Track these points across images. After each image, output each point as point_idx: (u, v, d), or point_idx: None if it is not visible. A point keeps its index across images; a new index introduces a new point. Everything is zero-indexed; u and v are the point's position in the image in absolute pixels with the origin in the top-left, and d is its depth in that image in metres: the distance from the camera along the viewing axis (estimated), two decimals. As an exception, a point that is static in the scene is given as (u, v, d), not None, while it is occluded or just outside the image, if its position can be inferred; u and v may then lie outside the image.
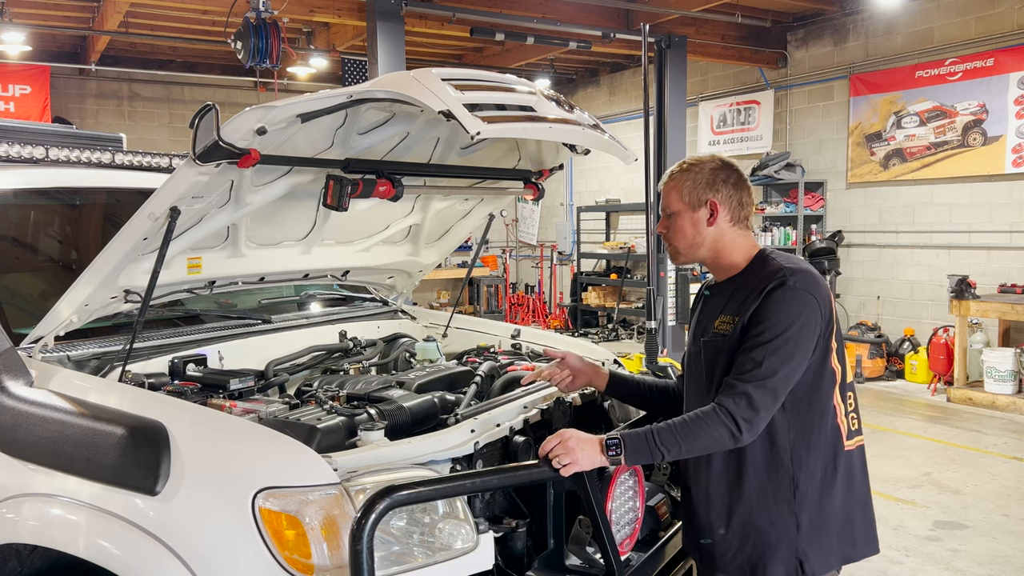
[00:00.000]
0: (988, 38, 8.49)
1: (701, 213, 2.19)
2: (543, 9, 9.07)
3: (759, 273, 2.15)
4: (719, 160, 2.25)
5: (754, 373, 2.01)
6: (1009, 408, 7.59)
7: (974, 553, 4.45)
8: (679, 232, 2.22)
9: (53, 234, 3.31)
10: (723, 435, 2.00)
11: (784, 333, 2.01)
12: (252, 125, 2.09)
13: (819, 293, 2.08)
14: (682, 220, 2.21)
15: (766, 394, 2.00)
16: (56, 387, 2.24)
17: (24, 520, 2.09)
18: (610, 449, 2.01)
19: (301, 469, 1.91)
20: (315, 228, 3.03)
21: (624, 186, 12.96)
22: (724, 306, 2.19)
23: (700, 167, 2.21)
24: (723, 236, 2.21)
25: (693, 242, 2.22)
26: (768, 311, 2.05)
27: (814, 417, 2.10)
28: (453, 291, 14.18)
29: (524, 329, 3.59)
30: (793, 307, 2.03)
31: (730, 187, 2.20)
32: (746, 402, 2.00)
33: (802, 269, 2.11)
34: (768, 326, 2.03)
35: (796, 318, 2.03)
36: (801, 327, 2.03)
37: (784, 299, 2.04)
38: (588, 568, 2.17)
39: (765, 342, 2.02)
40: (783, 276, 2.07)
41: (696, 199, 2.19)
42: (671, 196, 2.23)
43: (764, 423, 2.03)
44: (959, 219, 8.88)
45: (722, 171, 2.21)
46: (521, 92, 2.25)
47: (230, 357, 2.93)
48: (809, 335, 2.04)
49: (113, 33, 9.79)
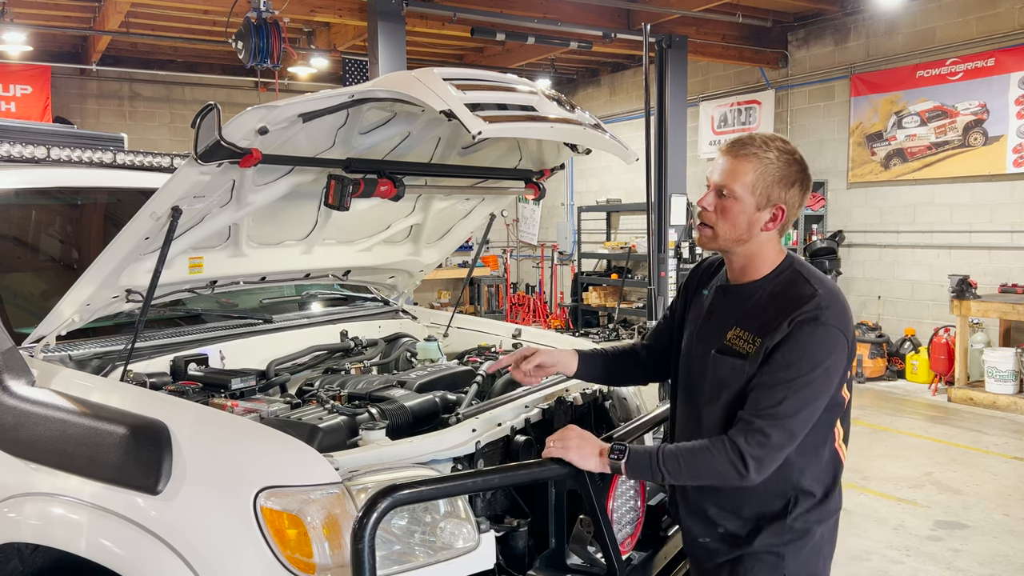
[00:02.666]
0: (989, 38, 8.49)
1: (763, 213, 1.95)
2: (544, 9, 9.07)
3: (787, 291, 1.96)
4: (797, 154, 1.98)
5: (774, 411, 1.87)
6: (1010, 408, 7.59)
7: (975, 553, 4.45)
8: (730, 220, 1.96)
9: (55, 234, 3.32)
10: (728, 472, 1.89)
11: (811, 373, 1.87)
12: (254, 125, 2.09)
13: (848, 328, 1.94)
14: (738, 209, 1.94)
15: (783, 434, 1.87)
16: (58, 386, 2.24)
17: (26, 519, 2.10)
18: (612, 453, 1.96)
19: (303, 468, 1.91)
20: (316, 228, 3.04)
21: (625, 186, 12.96)
22: (740, 318, 2.00)
23: (782, 160, 1.94)
24: (768, 242, 2.00)
25: (740, 237, 1.97)
26: (798, 347, 1.88)
27: (817, 442, 1.99)
28: (454, 291, 14.17)
29: (525, 329, 3.59)
30: (825, 346, 1.88)
31: (800, 192, 1.97)
32: (759, 440, 1.87)
33: (835, 300, 1.94)
34: (796, 363, 1.88)
35: (827, 357, 1.88)
36: (829, 367, 1.89)
37: (816, 337, 1.88)
38: (589, 567, 2.17)
39: (790, 380, 1.87)
40: (817, 308, 1.89)
41: (766, 196, 1.94)
42: (738, 176, 1.93)
43: (776, 464, 1.91)
44: (960, 219, 8.87)
45: (801, 173, 1.97)
46: (522, 92, 2.25)
47: (231, 357, 2.93)
48: (835, 374, 1.92)
49: (114, 33, 9.79)
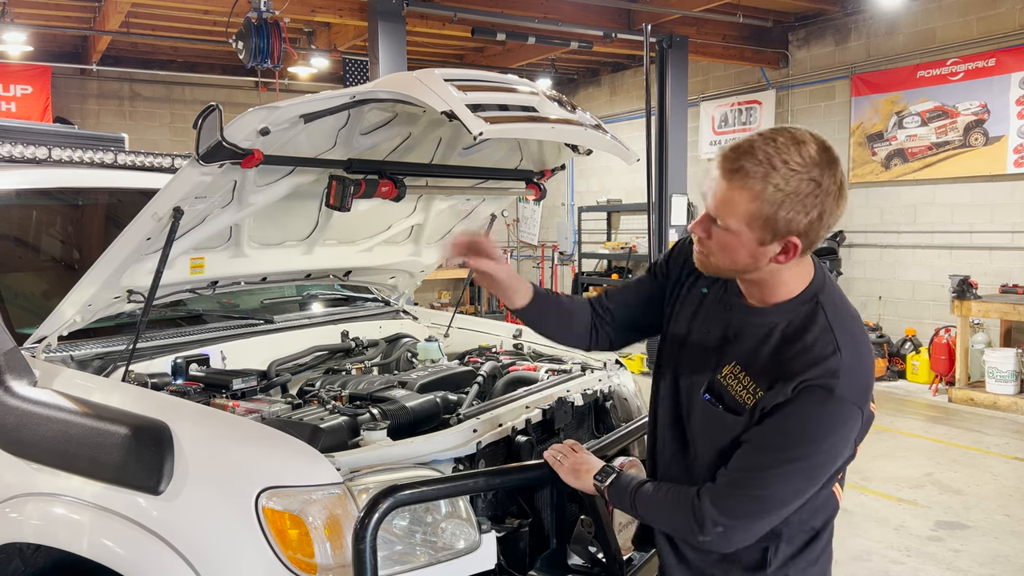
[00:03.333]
0: (990, 38, 8.48)
1: (769, 248, 1.53)
2: (544, 9, 9.07)
3: (804, 339, 1.57)
4: (819, 160, 1.48)
5: (750, 482, 1.57)
6: (1011, 408, 7.59)
7: (976, 553, 4.45)
8: (728, 255, 1.58)
9: (56, 234, 3.32)
10: (687, 530, 1.65)
11: (808, 452, 1.54)
12: (255, 125, 2.09)
13: (866, 400, 1.58)
14: (736, 244, 1.55)
15: (757, 510, 1.59)
16: (59, 387, 2.25)
17: (27, 519, 2.10)
18: (599, 475, 1.84)
19: (304, 469, 1.91)
20: (317, 228, 3.04)
21: (625, 186, 12.96)
22: (743, 355, 1.64)
23: (794, 181, 1.46)
24: (783, 272, 1.59)
25: (742, 268, 1.60)
26: (799, 419, 1.53)
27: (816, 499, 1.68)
28: (454, 291, 14.17)
29: (526, 329, 3.59)
30: (835, 422, 1.53)
31: (824, 209, 1.49)
32: (726, 509, 1.59)
33: (859, 363, 1.56)
34: (793, 435, 1.54)
35: (832, 434, 1.54)
36: (832, 445, 1.55)
37: (826, 412, 1.52)
38: (590, 567, 2.18)
39: (780, 454, 1.55)
40: (833, 377, 1.52)
41: (771, 230, 1.50)
42: (732, 207, 1.51)
43: (748, 538, 1.62)
44: (961, 219, 8.87)
45: (824, 194, 1.48)
46: (523, 92, 2.25)
47: (233, 357, 2.93)
48: (841, 450, 1.58)
49: (114, 33, 9.79)
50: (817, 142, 1.50)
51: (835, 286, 1.68)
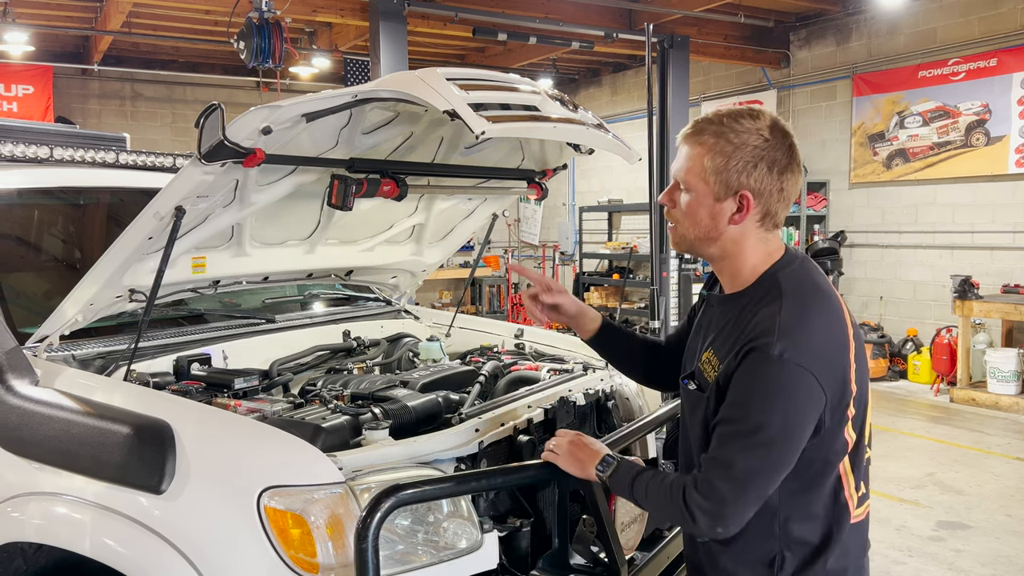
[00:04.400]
0: (991, 38, 8.48)
1: (725, 204, 1.64)
2: (545, 9, 9.07)
3: (756, 307, 1.62)
4: (770, 125, 1.63)
5: (721, 461, 1.59)
6: (1012, 408, 7.58)
7: (977, 553, 4.45)
8: (690, 217, 1.68)
9: (57, 234, 3.32)
10: (681, 520, 1.66)
11: (761, 422, 1.53)
12: (257, 125, 2.09)
13: (821, 363, 1.54)
14: (697, 203, 1.66)
15: (735, 489, 1.57)
16: (61, 386, 2.25)
17: (29, 518, 2.10)
18: (600, 465, 1.86)
19: (306, 468, 1.91)
20: (319, 228, 3.04)
21: (626, 186, 12.95)
22: (716, 336, 1.71)
23: (743, 135, 1.61)
24: (744, 239, 1.67)
25: (706, 235, 1.68)
26: (744, 386, 1.56)
27: (811, 494, 1.67)
28: (456, 291, 14.18)
29: (527, 329, 3.59)
30: (782, 388, 1.52)
31: (775, 174, 1.61)
32: (706, 492, 1.59)
33: (802, 325, 1.56)
34: (742, 406, 1.56)
35: (782, 403, 1.53)
36: (787, 414, 1.53)
37: (768, 376, 1.52)
38: (592, 567, 2.17)
39: (736, 426, 1.57)
40: (768, 336, 1.53)
41: (724, 183, 1.62)
42: (691, 164, 1.65)
43: (738, 517, 1.61)
44: (962, 219, 8.87)
45: (772, 149, 1.61)
46: (525, 92, 2.25)
47: (234, 356, 2.93)
48: (800, 424, 1.55)
49: (116, 33, 9.79)
50: (771, 118, 1.65)
51: (804, 267, 1.70)
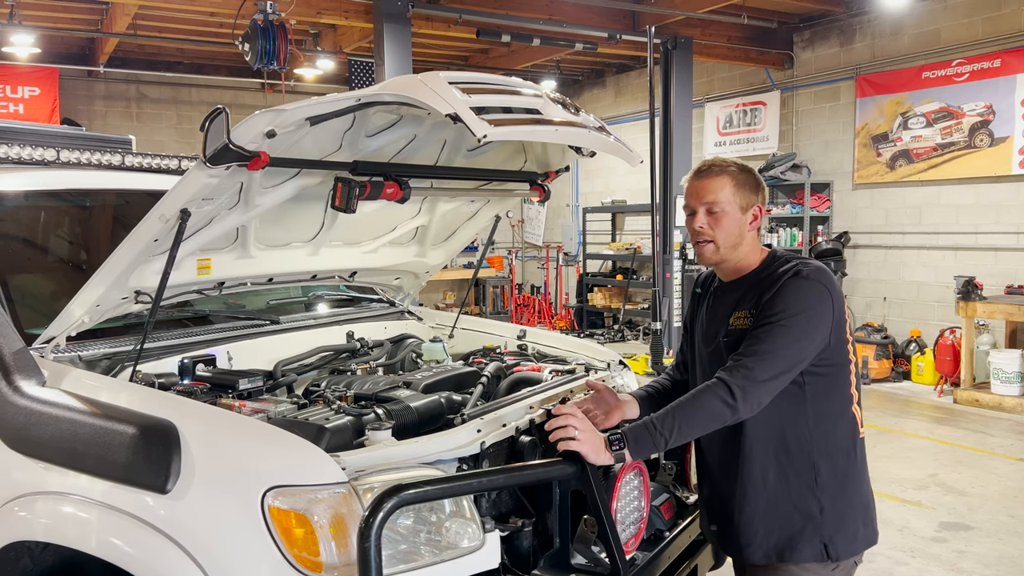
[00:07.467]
0: (995, 39, 8.47)
1: (747, 216, 2.23)
2: (549, 10, 9.09)
3: (776, 268, 2.20)
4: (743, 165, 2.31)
5: (756, 348, 2.06)
6: (1016, 409, 7.57)
7: (980, 554, 4.45)
8: (726, 229, 2.22)
9: (64, 235, 3.34)
10: (718, 407, 2.03)
11: (794, 317, 2.06)
12: (262, 128, 2.11)
13: (832, 287, 2.15)
14: (730, 219, 2.21)
15: (764, 367, 2.03)
16: (68, 387, 2.26)
17: (36, 518, 2.12)
18: (613, 445, 2.04)
19: (310, 468, 1.93)
20: (323, 230, 3.05)
21: (630, 187, 12.96)
22: (739, 303, 2.22)
23: (739, 169, 2.25)
24: (753, 241, 2.27)
25: (735, 243, 2.23)
26: (781, 298, 2.10)
27: (834, 405, 2.15)
28: (459, 292, 14.19)
29: (530, 330, 3.60)
30: (809, 295, 2.09)
31: (764, 194, 2.30)
32: (743, 372, 2.03)
33: (816, 264, 2.19)
34: (779, 310, 2.08)
35: (808, 306, 2.08)
36: (811, 315, 2.07)
37: (798, 287, 2.10)
38: (593, 567, 2.19)
39: (773, 323, 2.07)
40: (798, 267, 2.15)
41: (747, 201, 2.22)
42: (724, 193, 2.21)
43: (763, 397, 2.06)
44: (966, 220, 8.86)
45: (756, 177, 2.28)
46: (527, 95, 2.27)
47: (239, 357, 2.95)
48: (819, 323, 2.08)
49: (121, 35, 9.84)
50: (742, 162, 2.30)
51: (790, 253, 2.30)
